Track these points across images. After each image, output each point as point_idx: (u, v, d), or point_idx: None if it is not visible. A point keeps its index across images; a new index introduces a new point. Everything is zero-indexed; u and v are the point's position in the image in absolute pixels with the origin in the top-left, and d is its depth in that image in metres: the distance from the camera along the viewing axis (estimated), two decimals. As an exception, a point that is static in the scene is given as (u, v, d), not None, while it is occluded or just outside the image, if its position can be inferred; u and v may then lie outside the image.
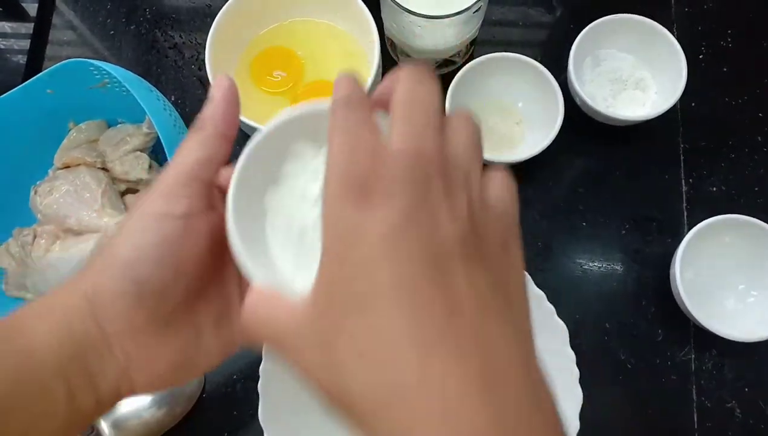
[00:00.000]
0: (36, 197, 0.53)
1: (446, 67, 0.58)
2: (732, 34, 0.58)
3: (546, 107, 0.52)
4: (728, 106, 0.57)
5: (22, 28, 0.65)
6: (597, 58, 0.56)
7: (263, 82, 0.57)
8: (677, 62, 0.52)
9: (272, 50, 0.58)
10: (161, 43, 0.63)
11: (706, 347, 0.51)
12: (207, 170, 0.27)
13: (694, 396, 0.51)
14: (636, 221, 0.54)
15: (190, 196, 0.26)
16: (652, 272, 0.53)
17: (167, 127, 0.48)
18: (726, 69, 0.57)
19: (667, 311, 0.52)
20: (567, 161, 0.56)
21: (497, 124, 0.55)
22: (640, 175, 0.55)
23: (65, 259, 0.50)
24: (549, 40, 0.61)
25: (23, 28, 0.65)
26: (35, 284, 0.51)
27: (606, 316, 0.52)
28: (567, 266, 0.54)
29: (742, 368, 0.51)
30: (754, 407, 0.50)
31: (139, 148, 0.53)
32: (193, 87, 0.61)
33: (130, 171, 0.52)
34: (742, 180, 0.55)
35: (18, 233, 0.53)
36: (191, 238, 0.26)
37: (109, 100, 0.54)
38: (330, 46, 0.57)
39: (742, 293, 0.50)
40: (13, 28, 0.66)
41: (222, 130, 0.28)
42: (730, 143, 0.56)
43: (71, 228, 0.51)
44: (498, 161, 0.51)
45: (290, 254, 0.28)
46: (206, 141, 0.27)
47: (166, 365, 0.27)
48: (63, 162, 0.54)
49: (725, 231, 0.50)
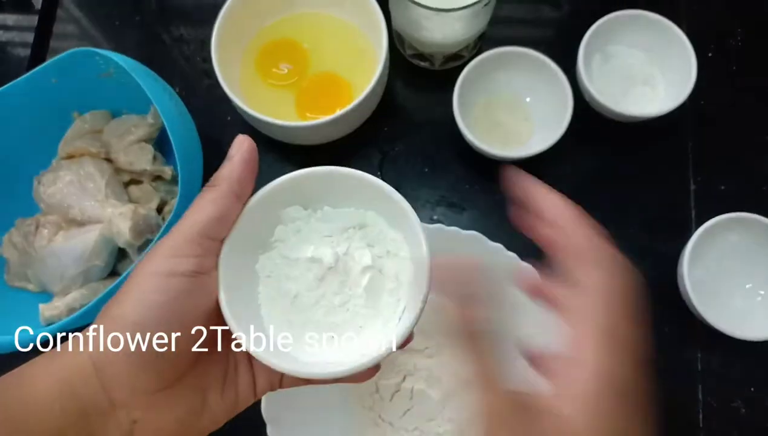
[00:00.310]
0: (39, 187, 0.52)
1: (454, 61, 0.57)
2: (741, 32, 0.58)
3: (555, 103, 0.52)
4: (737, 105, 0.56)
5: (25, 21, 0.65)
6: (606, 54, 0.55)
7: (269, 75, 0.56)
8: (687, 60, 0.52)
9: (278, 42, 0.57)
10: (166, 35, 0.62)
11: (713, 346, 0.51)
12: (219, 229, 0.27)
13: (700, 395, 0.50)
14: (644, 219, 0.54)
15: (198, 254, 0.26)
16: (659, 270, 0.52)
17: (172, 116, 0.47)
18: (735, 67, 0.57)
19: (674, 310, 0.51)
20: (575, 158, 0.56)
21: (505, 119, 0.55)
22: (648, 173, 0.55)
23: (68, 249, 0.49)
24: (558, 37, 0.60)
25: (27, 21, 0.65)
26: (37, 274, 0.51)
27: (612, 314, 0.52)
28: (573, 263, 0.53)
29: (748, 368, 0.51)
30: (760, 407, 0.50)
31: (143, 139, 0.53)
32: (199, 79, 0.61)
33: (134, 162, 0.52)
34: (750, 179, 0.54)
35: (21, 223, 0.53)
36: (199, 297, 0.26)
37: (113, 91, 0.54)
38: (336, 39, 0.57)
39: (749, 292, 0.50)
40: (17, 21, 0.65)
41: (236, 191, 0.28)
42: (739, 141, 0.55)
43: (74, 218, 0.50)
44: (506, 157, 0.51)
45: (284, 318, 0.29)
46: (219, 199, 0.27)
47: (171, 428, 0.27)
48: (67, 152, 0.53)
49: (733, 230, 0.49)
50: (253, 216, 0.29)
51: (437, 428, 0.47)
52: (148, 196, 0.52)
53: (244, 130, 0.59)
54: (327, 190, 0.30)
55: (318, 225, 0.30)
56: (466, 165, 0.56)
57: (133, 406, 0.25)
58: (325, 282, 0.29)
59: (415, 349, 0.49)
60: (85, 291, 0.50)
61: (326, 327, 0.29)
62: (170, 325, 0.25)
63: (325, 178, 0.29)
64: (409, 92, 0.59)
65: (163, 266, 0.25)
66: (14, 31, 0.65)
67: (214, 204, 0.27)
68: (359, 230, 0.31)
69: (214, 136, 0.59)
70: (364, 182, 0.29)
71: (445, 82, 0.54)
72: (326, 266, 0.29)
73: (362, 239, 0.30)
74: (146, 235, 0.48)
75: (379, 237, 0.31)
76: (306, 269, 0.29)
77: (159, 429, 0.26)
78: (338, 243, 0.30)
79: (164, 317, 0.25)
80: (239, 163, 0.28)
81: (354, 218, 0.31)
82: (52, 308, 0.49)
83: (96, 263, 0.49)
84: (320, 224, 0.30)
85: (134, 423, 0.25)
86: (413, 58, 0.58)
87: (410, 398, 0.48)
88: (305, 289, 0.29)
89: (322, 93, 0.56)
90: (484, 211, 0.55)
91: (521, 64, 0.53)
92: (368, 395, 0.49)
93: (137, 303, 0.25)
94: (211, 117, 0.59)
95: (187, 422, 0.27)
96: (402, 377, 0.48)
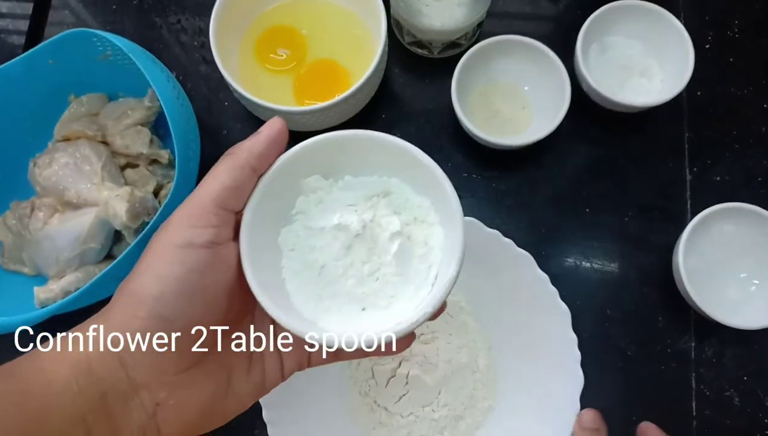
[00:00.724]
0: (35, 169, 0.52)
1: (452, 49, 0.57)
2: (739, 24, 0.58)
3: (552, 92, 0.52)
4: (734, 96, 0.56)
5: (19, 8, 0.64)
6: (604, 44, 0.56)
7: (267, 61, 0.56)
8: (684, 51, 0.52)
9: (276, 28, 0.57)
10: (164, 21, 0.62)
11: (707, 335, 0.51)
12: (234, 199, 0.26)
13: (693, 384, 0.51)
14: (639, 208, 0.54)
15: (215, 224, 0.25)
16: (654, 259, 0.53)
17: (170, 99, 0.47)
18: (732, 59, 0.57)
19: (668, 299, 0.51)
20: (572, 147, 0.56)
21: (503, 108, 0.55)
22: (644, 163, 0.55)
23: (63, 232, 0.49)
24: (556, 27, 0.60)
25: (21, 8, 0.64)
26: (32, 256, 0.51)
27: (607, 303, 0.52)
28: (569, 252, 0.54)
29: (741, 357, 0.51)
30: (753, 396, 0.50)
31: (140, 123, 0.53)
32: (196, 64, 0.60)
33: (130, 145, 0.52)
34: (746, 170, 0.55)
35: (16, 205, 0.53)
36: (218, 269, 0.25)
37: (110, 73, 0.53)
38: (335, 26, 0.57)
39: (744, 281, 0.50)
40: (11, 8, 0.65)
41: (254, 164, 0.27)
42: (735, 133, 0.55)
43: (70, 201, 0.50)
44: (503, 144, 0.51)
45: (311, 291, 0.28)
46: (236, 170, 0.26)
47: (196, 410, 0.26)
48: (63, 135, 0.53)
49: (728, 219, 0.49)
50: (272, 187, 0.28)
51: (432, 413, 0.48)
52: (144, 180, 0.52)
53: (242, 116, 0.59)
54: (348, 158, 0.29)
55: (340, 194, 0.29)
56: (464, 153, 0.56)
57: (156, 387, 0.24)
58: (352, 250, 0.28)
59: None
60: (80, 274, 0.50)
61: (356, 298, 0.28)
62: (190, 299, 0.24)
63: (347, 143, 0.28)
64: (408, 80, 0.59)
65: (180, 238, 0.25)
66: (8, 18, 0.64)
67: (230, 173, 0.26)
68: (383, 198, 0.30)
69: (212, 122, 0.59)
70: (387, 146, 0.28)
71: (444, 70, 0.54)
72: (353, 233, 0.28)
73: (387, 206, 0.29)
74: (143, 217, 0.48)
75: (405, 205, 0.29)
76: (332, 238, 0.28)
77: (183, 411, 0.25)
78: (363, 211, 0.29)
79: (184, 291, 0.24)
80: (264, 138, 0.27)
81: (378, 186, 0.30)
82: (47, 291, 0.49)
83: (92, 245, 0.49)
84: (343, 193, 0.29)
85: (157, 405, 0.25)
86: (412, 46, 0.58)
87: (405, 384, 0.48)
88: (332, 259, 0.28)
89: (320, 79, 0.56)
90: (481, 198, 0.55)
91: (520, 52, 0.53)
92: (364, 381, 0.49)
93: (155, 277, 0.24)
94: (209, 103, 0.59)
95: (212, 404, 0.26)
96: (397, 363, 0.49)
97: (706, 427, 0.50)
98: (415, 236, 0.29)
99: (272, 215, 0.28)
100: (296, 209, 0.29)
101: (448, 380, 0.48)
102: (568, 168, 0.56)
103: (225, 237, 0.26)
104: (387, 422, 0.48)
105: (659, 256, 0.52)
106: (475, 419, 0.48)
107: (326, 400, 0.48)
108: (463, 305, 0.50)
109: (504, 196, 0.55)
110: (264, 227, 0.28)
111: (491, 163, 0.56)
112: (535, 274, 0.46)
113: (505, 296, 0.48)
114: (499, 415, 0.48)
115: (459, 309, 0.50)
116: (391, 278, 0.28)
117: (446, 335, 0.49)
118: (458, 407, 0.48)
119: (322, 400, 0.48)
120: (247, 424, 0.51)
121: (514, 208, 0.55)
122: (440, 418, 0.47)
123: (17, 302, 0.50)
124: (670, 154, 0.55)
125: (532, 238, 0.53)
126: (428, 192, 0.29)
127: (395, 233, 0.28)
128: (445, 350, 0.48)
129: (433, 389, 0.48)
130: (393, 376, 0.48)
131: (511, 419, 0.47)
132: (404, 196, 0.30)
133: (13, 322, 0.43)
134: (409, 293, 0.28)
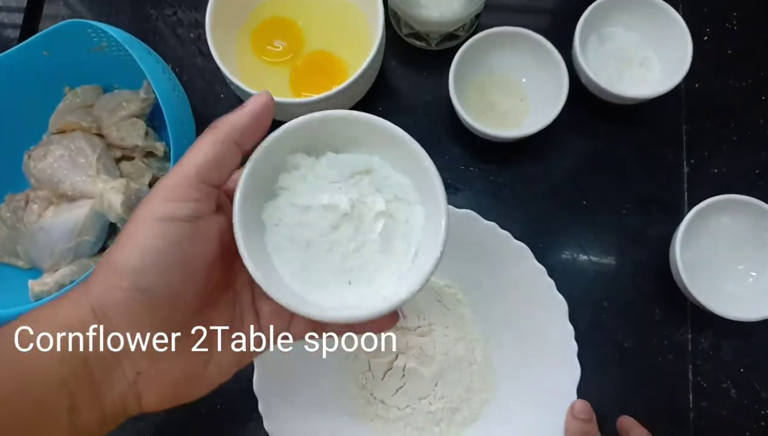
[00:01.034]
0: (30, 162, 0.52)
1: (450, 41, 0.57)
2: (737, 16, 0.58)
3: (550, 84, 0.52)
4: (732, 88, 0.56)
5: (14, 1, 0.64)
6: (602, 36, 0.55)
7: (264, 52, 0.56)
8: (683, 42, 0.52)
9: (273, 20, 0.57)
10: (160, 12, 0.62)
11: (703, 327, 0.51)
12: (216, 173, 0.26)
13: (690, 376, 0.51)
14: (637, 200, 0.54)
15: (197, 198, 0.25)
16: (651, 251, 0.53)
17: (166, 90, 0.47)
18: (730, 51, 0.57)
19: (664, 291, 0.51)
20: (570, 139, 0.56)
21: (501, 100, 0.55)
22: (642, 155, 0.55)
23: (58, 224, 0.49)
24: (554, 17, 0.60)
25: (16, 1, 0.63)
26: (26, 249, 0.51)
27: (604, 295, 0.52)
28: (566, 244, 0.54)
29: (738, 349, 0.51)
30: (750, 387, 0.50)
31: (135, 115, 0.52)
32: (192, 57, 0.60)
33: (126, 137, 0.51)
34: (743, 162, 0.54)
35: (10, 198, 0.52)
36: (199, 242, 0.26)
37: (105, 65, 0.53)
38: (331, 17, 0.56)
39: (741, 273, 0.50)
40: (5, 1, 0.64)
41: (236, 138, 0.27)
42: (733, 125, 0.55)
43: (65, 193, 0.50)
44: (500, 137, 0.51)
45: (296, 267, 0.29)
46: (218, 143, 0.26)
47: (177, 379, 0.26)
48: (58, 127, 0.53)
49: (725, 211, 0.49)
50: (261, 165, 0.28)
51: (429, 405, 0.48)
52: (139, 173, 0.52)
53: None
54: (331, 136, 0.29)
55: (324, 171, 0.30)
56: (462, 145, 0.56)
57: (137, 357, 0.25)
58: (339, 229, 0.29)
59: (407, 327, 0.49)
60: (74, 267, 0.49)
61: (343, 272, 0.29)
62: (171, 271, 0.24)
63: (330, 122, 0.29)
64: (405, 72, 0.59)
65: (162, 211, 0.25)
66: (3, 11, 0.64)
67: (212, 146, 0.26)
68: (366, 176, 0.30)
69: (208, 114, 0.58)
70: (371, 125, 0.29)
71: (441, 62, 0.54)
72: (342, 212, 0.29)
73: (370, 184, 0.30)
74: (138, 209, 0.48)
75: (386, 182, 0.30)
76: (319, 217, 0.29)
77: (164, 381, 0.26)
78: (347, 189, 0.30)
79: (164, 263, 0.24)
80: (248, 113, 0.27)
81: (360, 163, 0.30)
82: (42, 284, 0.49)
83: (86, 238, 0.49)
84: (326, 170, 0.30)
85: (138, 374, 0.25)
86: (409, 38, 0.58)
87: (402, 377, 0.48)
88: (318, 235, 0.29)
89: (316, 71, 0.55)
90: (478, 191, 0.55)
91: (517, 44, 0.53)
92: (360, 374, 0.49)
93: (137, 249, 0.24)
94: (204, 95, 0.59)
95: (193, 373, 0.27)
96: (394, 356, 0.48)
97: (703, 419, 0.50)
98: (397, 215, 0.30)
99: (258, 192, 0.29)
100: (279, 184, 0.30)
101: (445, 373, 0.48)
102: (566, 160, 0.55)
103: (206, 211, 0.26)
104: (384, 415, 0.48)
105: (656, 248, 0.52)
106: (471, 411, 0.48)
107: (323, 393, 0.48)
108: (460, 297, 0.50)
109: (501, 189, 0.55)
110: (251, 205, 0.28)
111: (489, 155, 0.56)
112: (532, 266, 0.46)
113: (502, 288, 0.48)
114: (496, 407, 0.48)
115: (456, 301, 0.50)
116: (374, 255, 0.29)
117: (443, 328, 0.49)
118: (455, 400, 0.47)
119: (318, 393, 0.48)
120: (242, 417, 0.51)
121: (511, 200, 0.55)
122: (437, 410, 0.47)
123: (12, 295, 0.50)
124: (668, 146, 0.55)
125: (529, 230, 0.53)
126: (409, 170, 0.30)
127: (380, 212, 0.29)
128: (442, 343, 0.48)
129: (430, 381, 0.48)
130: (390, 368, 0.48)
131: (507, 410, 0.47)
132: (384, 174, 0.30)
133: (8, 315, 0.43)
134: (391, 268, 0.29)
